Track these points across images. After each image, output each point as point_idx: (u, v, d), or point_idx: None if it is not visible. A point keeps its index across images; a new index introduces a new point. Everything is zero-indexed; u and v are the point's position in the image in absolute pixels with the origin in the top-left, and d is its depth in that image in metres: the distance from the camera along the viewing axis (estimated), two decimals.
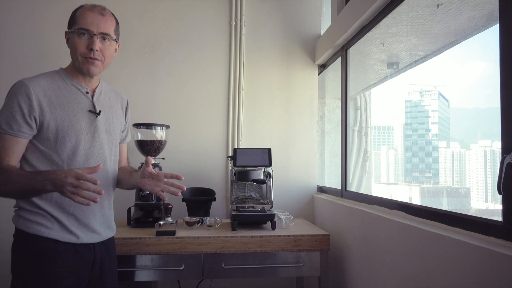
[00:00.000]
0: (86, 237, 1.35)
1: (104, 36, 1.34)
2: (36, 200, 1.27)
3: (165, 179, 1.40)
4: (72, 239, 1.31)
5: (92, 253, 1.37)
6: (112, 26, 1.38)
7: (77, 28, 1.31)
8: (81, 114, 1.36)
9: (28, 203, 1.28)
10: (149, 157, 1.38)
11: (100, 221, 1.40)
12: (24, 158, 1.31)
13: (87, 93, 1.40)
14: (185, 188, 1.38)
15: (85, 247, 1.35)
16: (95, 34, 1.32)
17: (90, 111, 1.38)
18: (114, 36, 1.38)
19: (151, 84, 2.52)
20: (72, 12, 1.37)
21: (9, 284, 1.27)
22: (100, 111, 1.40)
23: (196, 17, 2.58)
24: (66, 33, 1.37)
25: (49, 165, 1.30)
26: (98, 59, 1.34)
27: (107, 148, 1.43)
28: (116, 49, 1.43)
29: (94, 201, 1.13)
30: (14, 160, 1.27)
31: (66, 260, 1.29)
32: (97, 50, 1.32)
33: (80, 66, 1.34)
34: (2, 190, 1.23)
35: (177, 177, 1.38)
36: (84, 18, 1.32)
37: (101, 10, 1.35)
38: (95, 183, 1.12)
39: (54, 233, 1.28)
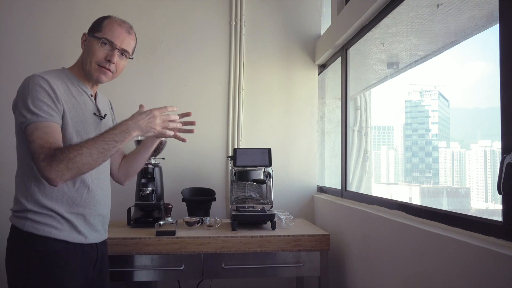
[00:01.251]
0: (92, 237, 1.36)
1: (123, 52, 1.38)
2: (45, 201, 1.25)
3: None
4: (81, 240, 1.31)
5: (96, 253, 1.38)
6: (133, 45, 1.44)
7: (103, 37, 1.33)
8: (89, 116, 1.37)
9: (37, 205, 1.25)
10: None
11: (101, 220, 1.41)
12: (28, 154, 1.24)
13: (92, 96, 1.42)
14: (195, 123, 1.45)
15: (91, 247, 1.36)
16: (117, 49, 1.35)
17: (95, 114, 1.40)
18: (131, 54, 1.43)
19: (151, 84, 2.52)
20: (99, 19, 1.39)
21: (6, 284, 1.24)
22: (105, 115, 1.43)
23: (196, 17, 2.58)
24: (84, 34, 1.38)
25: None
26: (111, 71, 1.37)
27: None
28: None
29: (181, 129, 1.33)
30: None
31: (76, 260, 1.29)
32: (113, 63, 1.35)
33: (91, 72, 1.35)
34: (78, 159, 1.14)
35: (186, 114, 1.48)
36: (112, 31, 1.34)
37: (129, 29, 1.40)
38: (175, 110, 1.28)
39: (65, 234, 1.27)
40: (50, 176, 1.13)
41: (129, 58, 1.43)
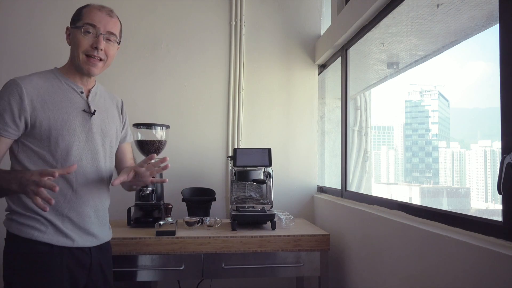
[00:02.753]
0: (81, 241, 1.32)
1: (109, 36, 1.34)
2: (29, 203, 1.23)
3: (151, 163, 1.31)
4: (67, 243, 1.28)
5: (88, 257, 1.34)
6: (118, 28, 1.38)
7: (84, 23, 1.29)
8: (75, 113, 1.33)
9: (21, 206, 1.25)
10: (153, 154, 1.32)
11: (96, 223, 1.38)
12: (16, 159, 1.28)
13: (82, 92, 1.37)
14: (169, 166, 1.28)
15: (81, 251, 1.32)
16: (101, 33, 1.31)
17: (84, 111, 1.36)
18: (119, 38, 1.39)
19: (151, 84, 2.52)
20: (78, 9, 1.35)
21: None
22: (95, 111, 1.38)
23: (196, 17, 2.58)
24: (68, 28, 1.35)
25: (43, 166, 1.26)
26: (101, 59, 1.33)
27: (101, 149, 1.40)
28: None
29: (49, 203, 1.06)
30: None
31: (61, 264, 1.26)
32: (101, 50, 1.31)
33: (81, 65, 1.32)
34: None
35: (162, 161, 1.28)
36: (92, 16, 1.31)
37: (109, 12, 1.35)
38: (52, 189, 1.05)
39: (49, 236, 1.25)
40: None
41: (117, 42, 1.38)
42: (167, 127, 2.20)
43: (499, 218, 1.07)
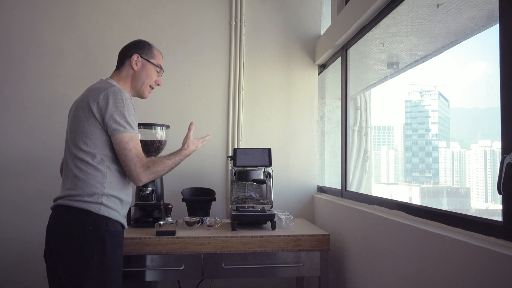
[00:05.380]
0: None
1: None
2: (112, 190, 1.45)
3: None
4: (125, 225, 1.53)
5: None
6: None
7: (159, 64, 1.68)
8: None
9: (109, 191, 1.44)
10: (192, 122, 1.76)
11: None
12: (106, 149, 1.45)
13: None
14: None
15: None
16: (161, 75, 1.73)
17: None
18: None
19: None
20: (147, 44, 1.66)
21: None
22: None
23: (196, 17, 2.58)
24: (138, 57, 1.61)
25: (114, 165, 1.47)
26: None
27: None
28: None
29: None
30: None
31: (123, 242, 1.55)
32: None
33: (144, 91, 1.67)
34: (161, 172, 1.51)
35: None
36: (161, 60, 1.70)
37: None
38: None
39: (122, 219, 1.50)
40: (142, 180, 1.46)
41: None
42: (167, 127, 2.20)
43: (499, 218, 1.07)
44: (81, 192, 1.40)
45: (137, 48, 1.62)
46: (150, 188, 2.09)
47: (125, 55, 1.62)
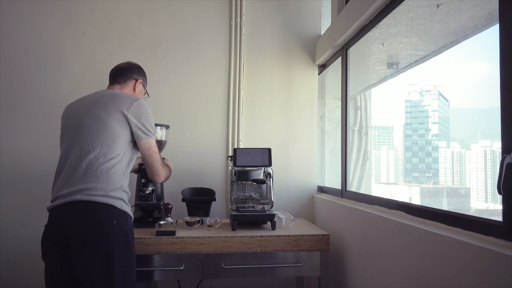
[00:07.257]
0: None
1: None
2: (126, 187, 1.58)
3: None
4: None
5: None
6: None
7: (147, 91, 1.93)
8: None
9: (126, 188, 1.57)
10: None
11: None
12: (128, 147, 1.61)
13: None
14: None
15: None
16: None
17: None
18: None
19: (151, 84, 2.51)
20: (144, 71, 1.89)
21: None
22: None
23: (196, 17, 2.58)
24: (141, 82, 1.84)
25: (128, 164, 1.62)
26: None
27: None
28: None
29: None
30: None
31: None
32: None
33: None
34: (170, 173, 1.83)
35: None
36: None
37: None
38: None
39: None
40: (163, 179, 1.74)
41: None
42: (167, 127, 2.20)
43: (499, 218, 1.07)
44: (105, 186, 1.49)
45: (140, 75, 1.84)
46: (150, 188, 2.09)
47: (129, 76, 1.79)
